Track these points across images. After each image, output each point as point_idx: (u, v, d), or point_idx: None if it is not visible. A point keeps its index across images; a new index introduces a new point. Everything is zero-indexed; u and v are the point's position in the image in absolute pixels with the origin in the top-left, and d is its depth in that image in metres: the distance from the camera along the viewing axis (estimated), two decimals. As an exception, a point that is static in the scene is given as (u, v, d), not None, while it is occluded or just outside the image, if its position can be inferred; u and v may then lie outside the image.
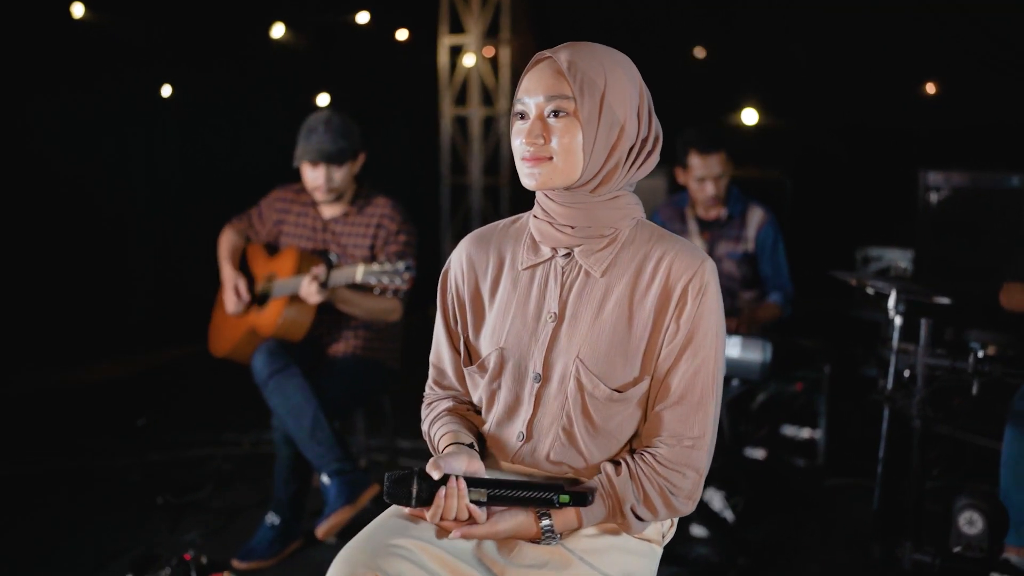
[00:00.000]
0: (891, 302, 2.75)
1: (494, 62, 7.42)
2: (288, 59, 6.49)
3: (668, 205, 3.87)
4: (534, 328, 1.60)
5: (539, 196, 1.62)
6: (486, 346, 1.66)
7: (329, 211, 3.30)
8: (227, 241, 3.42)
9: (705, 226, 3.74)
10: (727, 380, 3.48)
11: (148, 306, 5.91)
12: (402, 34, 7.24)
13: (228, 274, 3.35)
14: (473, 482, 1.51)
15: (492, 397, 1.66)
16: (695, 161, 3.63)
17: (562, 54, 1.52)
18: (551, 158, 1.51)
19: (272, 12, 6.32)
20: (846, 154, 6.12)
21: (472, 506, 1.50)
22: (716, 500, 3.37)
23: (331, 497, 2.92)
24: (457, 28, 7.34)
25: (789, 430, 4.15)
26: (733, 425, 3.67)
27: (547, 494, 1.51)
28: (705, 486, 1.64)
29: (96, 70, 5.40)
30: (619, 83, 1.53)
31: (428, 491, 1.49)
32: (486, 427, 1.69)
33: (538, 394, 1.60)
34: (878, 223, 5.74)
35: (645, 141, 1.57)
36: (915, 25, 5.72)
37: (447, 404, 1.74)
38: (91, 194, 5.57)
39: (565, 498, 1.51)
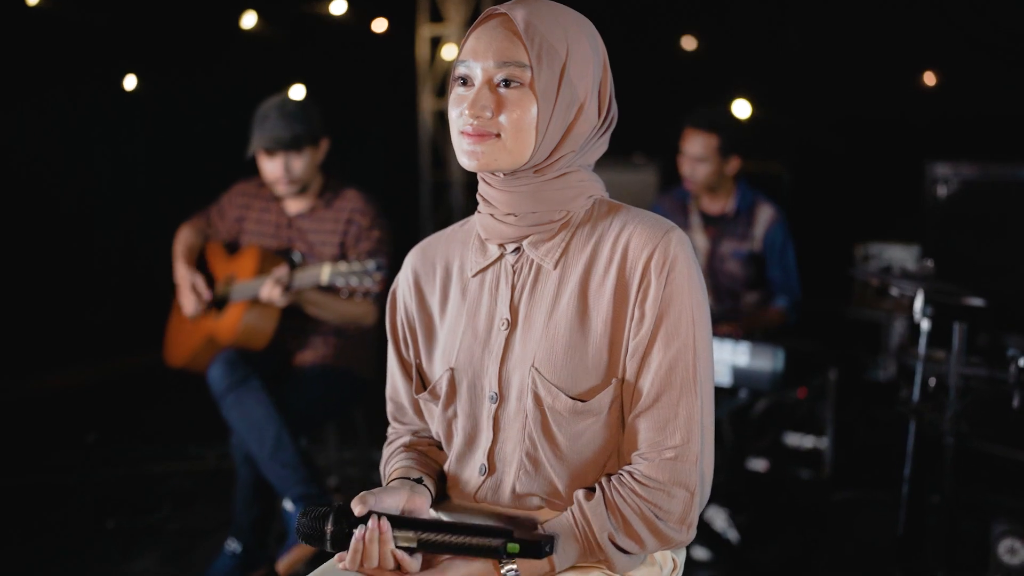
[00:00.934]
0: (917, 305, 2.47)
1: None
2: (260, 50, 6.19)
3: (669, 197, 3.59)
4: (486, 340, 1.35)
5: (480, 185, 1.36)
6: (438, 369, 1.40)
7: (294, 206, 3.00)
8: (183, 239, 3.11)
9: (709, 221, 3.46)
10: (734, 391, 3.21)
11: (106, 310, 5.57)
12: (380, 24, 6.94)
13: (183, 273, 3.03)
14: (402, 523, 1.23)
15: (449, 428, 1.40)
16: (685, 137, 3.37)
17: (518, 12, 1.26)
18: (498, 135, 1.26)
19: (244, 1, 6.02)
20: (846, 146, 5.87)
21: (400, 553, 1.22)
22: (719, 519, 3.11)
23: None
24: (437, 18, 7.05)
25: (792, 439, 3.88)
26: (737, 436, 3.39)
27: (493, 540, 1.21)
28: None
29: (55, 61, 5.08)
30: (582, 53, 1.29)
31: (346, 531, 1.23)
32: (447, 464, 1.42)
33: (496, 416, 1.34)
34: (880, 218, 5.49)
35: (602, 124, 1.33)
36: (915, 12, 5.48)
37: (404, 440, 1.49)
38: (49, 192, 5.25)
39: (514, 547, 1.20)
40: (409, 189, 7.15)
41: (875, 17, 5.68)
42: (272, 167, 2.89)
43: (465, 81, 1.28)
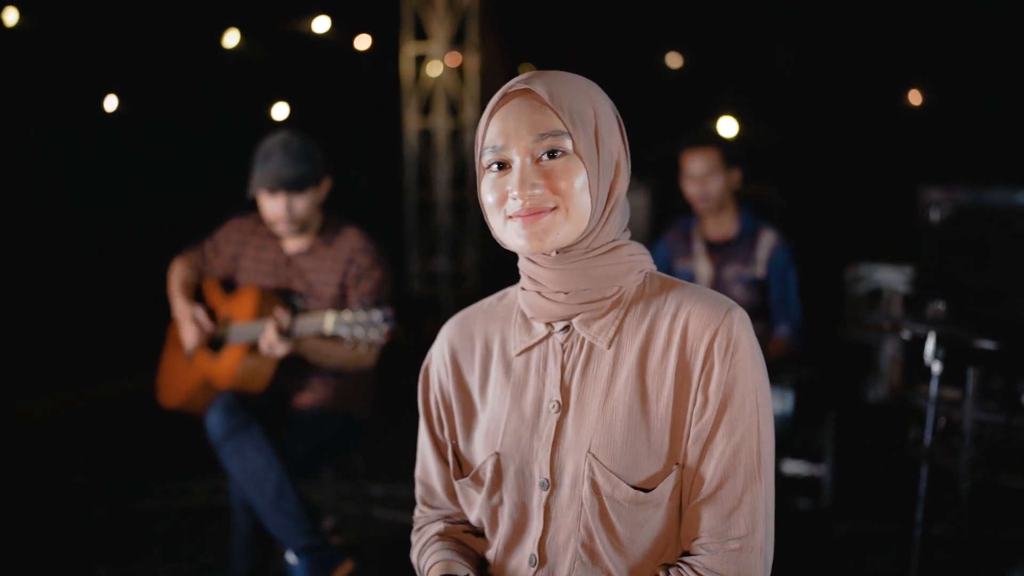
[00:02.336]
0: (929, 348, 2.44)
1: (460, 71, 7.08)
2: (243, 68, 6.11)
3: (674, 228, 3.60)
4: (534, 423, 1.29)
5: (522, 263, 1.31)
6: (480, 453, 1.34)
7: (293, 244, 2.93)
8: (178, 274, 3.03)
9: (713, 247, 3.45)
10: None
11: (87, 336, 5.45)
12: (362, 42, 6.87)
13: (182, 308, 2.96)
14: None
15: (494, 515, 1.34)
16: (685, 159, 3.39)
17: (537, 84, 1.23)
18: (555, 208, 1.21)
19: (226, 19, 5.94)
20: (839, 169, 5.87)
21: None
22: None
23: (300, 579, 2.55)
24: (421, 35, 7.00)
25: (790, 466, 3.85)
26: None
27: None
28: None
29: (34, 81, 4.97)
30: (605, 113, 1.27)
31: None
32: (491, 552, 1.36)
33: (547, 505, 1.28)
34: (870, 239, 5.49)
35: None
36: (907, 32, 5.49)
37: (438, 527, 1.42)
38: (31, 214, 5.14)
39: None
40: (394, 208, 7.09)
41: (865, 38, 5.69)
42: (274, 207, 2.83)
43: (501, 165, 1.24)
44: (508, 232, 1.24)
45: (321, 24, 6.43)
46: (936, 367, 2.45)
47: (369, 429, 3.03)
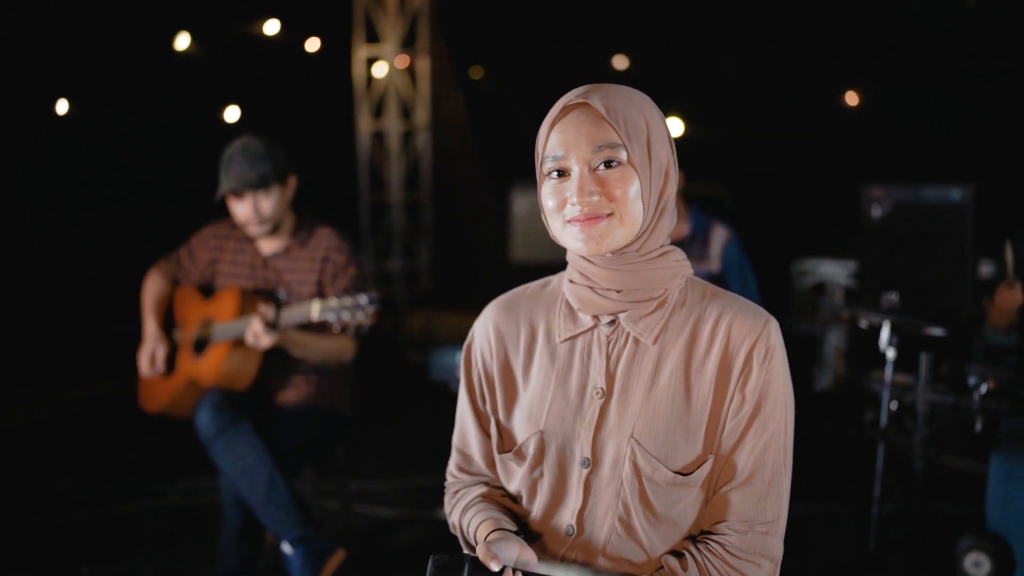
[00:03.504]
0: (884, 336, 2.63)
1: (411, 74, 7.17)
2: (196, 72, 6.11)
3: None
4: (578, 406, 1.42)
5: (574, 259, 1.43)
6: (522, 429, 1.46)
7: (268, 246, 3.01)
8: (151, 288, 3.10)
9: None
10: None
11: (44, 341, 5.42)
12: (312, 44, 6.91)
13: (150, 331, 3.04)
14: None
15: (534, 487, 1.46)
16: None
17: (595, 98, 1.34)
18: (611, 213, 1.34)
19: (177, 22, 5.94)
20: (784, 168, 6.10)
21: None
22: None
23: (295, 569, 2.63)
24: (373, 38, 7.06)
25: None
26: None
27: None
28: None
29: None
30: (657, 123, 1.39)
31: None
32: (530, 519, 1.47)
33: (587, 481, 1.40)
34: (815, 236, 5.73)
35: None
36: (848, 37, 5.73)
37: (480, 490, 1.52)
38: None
39: None
40: (348, 210, 7.14)
41: (809, 41, 5.91)
42: (242, 209, 2.91)
43: (561, 172, 1.36)
44: (566, 235, 1.36)
45: (272, 27, 6.47)
46: (890, 354, 2.64)
47: (351, 424, 3.12)
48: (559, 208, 1.36)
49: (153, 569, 3.21)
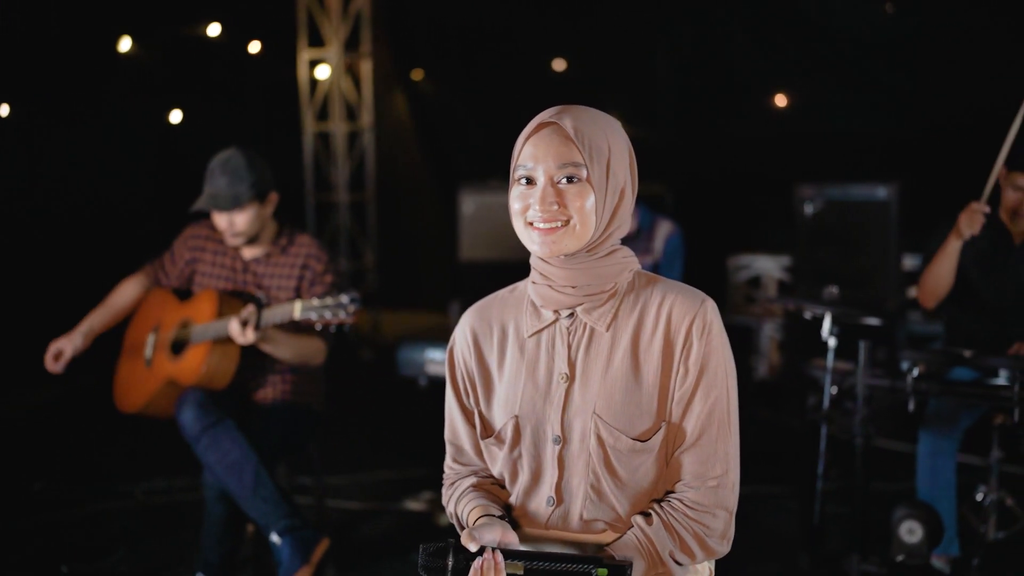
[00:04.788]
0: (826, 325, 2.87)
1: (355, 76, 7.27)
2: (138, 74, 6.12)
3: None
4: (547, 391, 1.60)
5: (536, 262, 1.62)
6: (500, 416, 1.65)
7: (249, 251, 3.12)
8: (116, 293, 3.21)
9: None
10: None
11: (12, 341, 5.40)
12: (254, 47, 6.96)
13: (78, 328, 3.12)
14: (509, 554, 1.48)
15: (515, 467, 1.64)
16: None
17: (567, 120, 1.53)
18: (567, 221, 1.53)
19: (120, 25, 5.94)
20: (721, 167, 6.36)
21: None
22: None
23: (285, 558, 2.76)
24: (317, 42, 7.14)
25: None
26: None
27: (584, 567, 1.48)
28: None
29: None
30: (619, 148, 1.57)
31: (464, 564, 1.47)
32: (512, 498, 1.66)
33: (560, 456, 1.59)
34: (751, 232, 6.01)
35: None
36: (780, 41, 6.00)
37: (471, 480, 1.71)
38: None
39: (603, 572, 1.48)
40: (295, 210, 7.21)
41: (739, 46, 6.18)
42: (219, 220, 3.02)
43: (529, 180, 1.55)
44: (527, 237, 1.56)
45: (215, 30, 6.51)
46: (832, 342, 2.89)
47: (325, 420, 3.25)
48: (523, 211, 1.55)
49: (132, 566, 3.29)
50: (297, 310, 2.77)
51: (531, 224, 1.54)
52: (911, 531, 2.76)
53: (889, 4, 5.62)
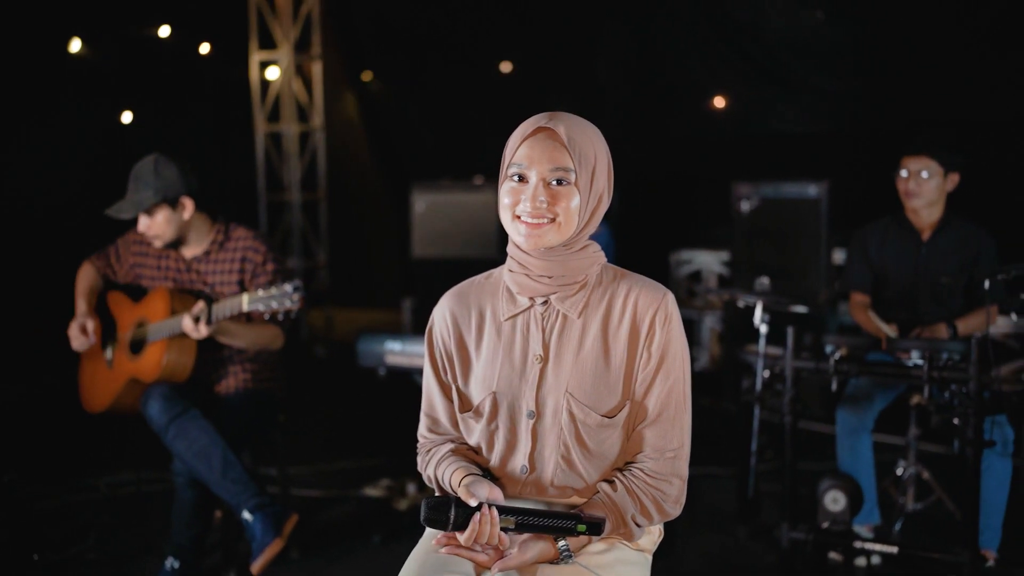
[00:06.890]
0: (757, 312, 3.11)
1: (306, 77, 7.39)
2: (89, 76, 6.16)
3: None
4: (522, 370, 1.78)
5: (514, 251, 1.80)
6: (477, 392, 1.82)
7: (189, 251, 3.21)
8: (85, 277, 3.30)
9: None
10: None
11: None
12: (204, 48, 7.04)
13: (82, 310, 3.24)
14: (501, 510, 1.67)
15: (491, 438, 1.82)
16: None
17: (561, 127, 1.71)
18: (553, 219, 1.71)
19: (70, 26, 5.98)
20: (661, 167, 6.61)
21: (500, 532, 1.66)
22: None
23: (258, 533, 2.91)
24: (269, 43, 7.25)
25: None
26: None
27: (567, 523, 1.69)
28: None
29: None
30: (603, 156, 1.76)
31: (464, 517, 1.64)
32: (490, 464, 1.84)
33: (534, 429, 1.78)
34: (691, 229, 6.26)
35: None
36: (714, 44, 6.26)
37: (450, 446, 1.87)
38: None
39: (583, 527, 1.69)
40: (247, 210, 7.31)
41: (677, 50, 6.42)
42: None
43: (521, 178, 1.72)
44: (513, 229, 1.73)
45: (166, 31, 6.59)
46: (763, 329, 3.13)
47: (286, 406, 3.40)
48: (513, 205, 1.72)
49: (101, 554, 3.41)
50: (245, 302, 2.91)
51: (518, 218, 1.71)
52: (835, 500, 3.00)
53: (820, 11, 5.90)
